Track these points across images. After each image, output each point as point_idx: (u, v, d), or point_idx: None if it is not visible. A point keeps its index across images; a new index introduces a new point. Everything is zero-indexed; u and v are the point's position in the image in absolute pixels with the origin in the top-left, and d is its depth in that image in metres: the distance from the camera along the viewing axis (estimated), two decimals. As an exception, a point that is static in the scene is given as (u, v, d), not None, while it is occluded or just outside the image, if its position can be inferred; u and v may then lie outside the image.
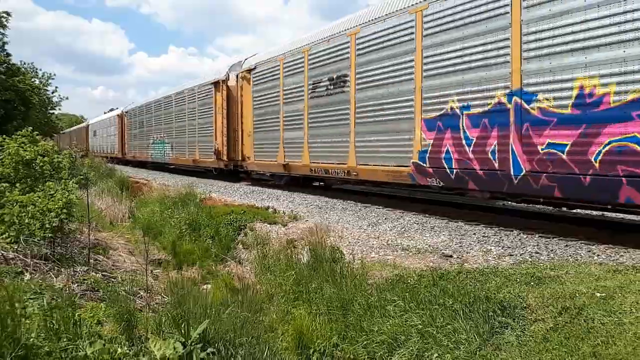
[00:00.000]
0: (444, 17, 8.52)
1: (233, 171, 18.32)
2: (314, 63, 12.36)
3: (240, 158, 16.88)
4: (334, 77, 11.55)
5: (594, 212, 9.09)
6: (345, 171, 11.35)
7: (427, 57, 8.90)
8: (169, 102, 24.35)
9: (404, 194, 12.81)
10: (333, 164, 11.71)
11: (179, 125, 23.02)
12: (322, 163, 12.17)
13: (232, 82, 17.56)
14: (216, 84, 18.55)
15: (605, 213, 8.94)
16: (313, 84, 12.37)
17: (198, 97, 20.61)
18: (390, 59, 9.82)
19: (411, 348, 4.38)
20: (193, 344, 4.17)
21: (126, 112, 33.22)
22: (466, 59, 8.11)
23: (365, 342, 4.77)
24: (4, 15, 25.81)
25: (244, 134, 16.52)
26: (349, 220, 9.24)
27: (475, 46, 7.94)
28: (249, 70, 15.81)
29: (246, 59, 16.74)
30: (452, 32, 8.35)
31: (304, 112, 12.76)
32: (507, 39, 7.39)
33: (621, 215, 8.64)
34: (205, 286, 7.63)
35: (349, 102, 11.00)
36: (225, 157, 17.90)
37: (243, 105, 16.46)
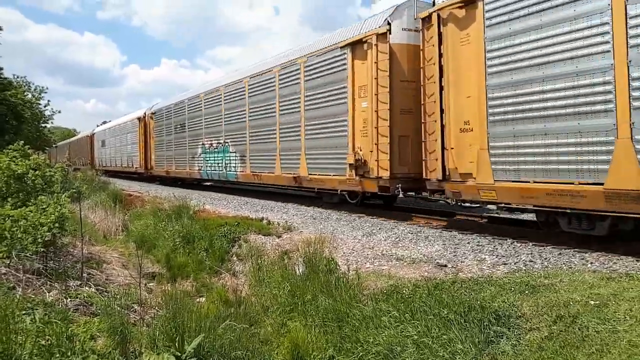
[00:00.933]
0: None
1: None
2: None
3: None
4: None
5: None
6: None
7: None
8: (236, 91, 16.74)
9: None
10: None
11: (258, 123, 15.41)
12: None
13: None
14: (363, 43, 10.51)
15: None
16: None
17: (318, 71, 12.23)
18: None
19: (407, 359, 4.36)
20: (188, 358, 4.14)
21: (154, 114, 25.98)
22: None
23: (361, 354, 4.75)
24: (-4, 30, 25.78)
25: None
26: (343, 231, 9.24)
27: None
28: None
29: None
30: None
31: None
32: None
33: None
34: (199, 299, 7.58)
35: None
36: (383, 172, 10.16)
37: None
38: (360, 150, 10.69)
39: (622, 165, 5.99)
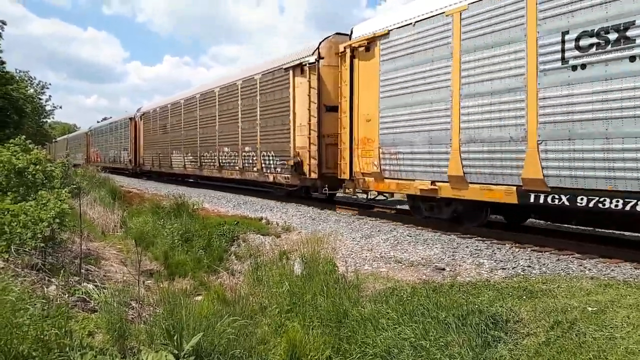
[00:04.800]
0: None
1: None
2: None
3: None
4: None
5: (585, 227, 9.16)
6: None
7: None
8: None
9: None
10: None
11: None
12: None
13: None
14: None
15: (596, 228, 9.01)
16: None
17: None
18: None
19: (404, 361, 4.37)
20: (186, 356, 4.14)
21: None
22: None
23: (358, 356, 4.76)
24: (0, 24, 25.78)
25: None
26: (342, 232, 9.24)
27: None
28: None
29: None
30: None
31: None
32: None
33: (610, 230, 8.71)
34: (197, 297, 7.59)
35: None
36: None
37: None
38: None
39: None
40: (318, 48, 12.44)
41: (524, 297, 4.84)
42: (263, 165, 14.95)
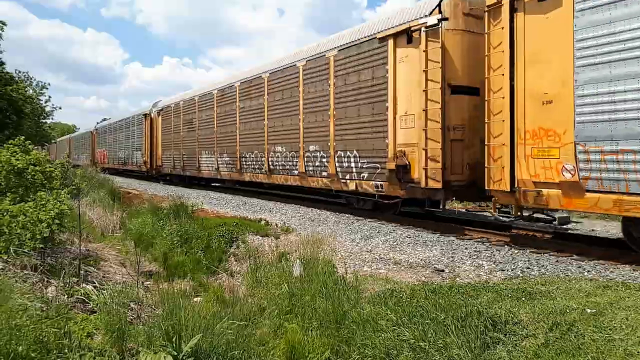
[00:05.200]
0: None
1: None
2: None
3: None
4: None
5: (584, 229, 9.17)
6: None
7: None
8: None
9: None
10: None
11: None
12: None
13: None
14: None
15: (595, 229, 9.01)
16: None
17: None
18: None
19: (403, 363, 4.37)
20: (185, 357, 4.14)
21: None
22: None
23: (357, 357, 4.76)
24: (0, 25, 25.75)
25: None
26: (341, 234, 9.24)
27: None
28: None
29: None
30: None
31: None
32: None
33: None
34: (196, 299, 7.58)
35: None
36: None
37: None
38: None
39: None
40: (439, 4, 9.18)
41: (523, 298, 4.84)
42: (338, 168, 11.68)
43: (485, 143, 8.03)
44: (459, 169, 9.03)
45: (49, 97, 44.84)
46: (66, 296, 6.06)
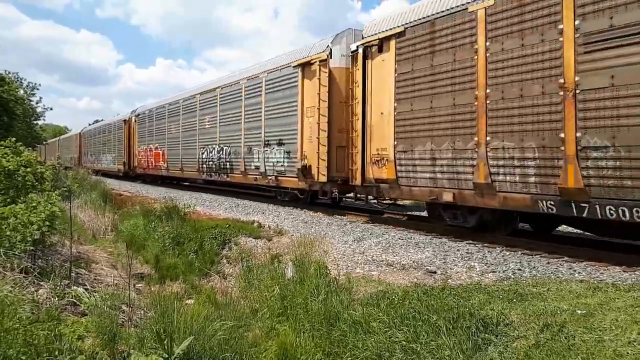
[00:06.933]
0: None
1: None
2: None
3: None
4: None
5: (575, 230, 9.23)
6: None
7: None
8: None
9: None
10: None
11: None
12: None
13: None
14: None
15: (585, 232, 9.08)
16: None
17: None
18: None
19: (395, 364, 4.38)
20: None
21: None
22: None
23: (349, 359, 4.76)
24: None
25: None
26: (334, 235, 9.25)
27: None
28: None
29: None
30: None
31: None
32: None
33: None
34: (188, 301, 7.55)
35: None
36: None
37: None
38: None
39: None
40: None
41: (514, 300, 4.87)
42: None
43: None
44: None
45: (40, 98, 44.55)
46: (57, 299, 6.01)
